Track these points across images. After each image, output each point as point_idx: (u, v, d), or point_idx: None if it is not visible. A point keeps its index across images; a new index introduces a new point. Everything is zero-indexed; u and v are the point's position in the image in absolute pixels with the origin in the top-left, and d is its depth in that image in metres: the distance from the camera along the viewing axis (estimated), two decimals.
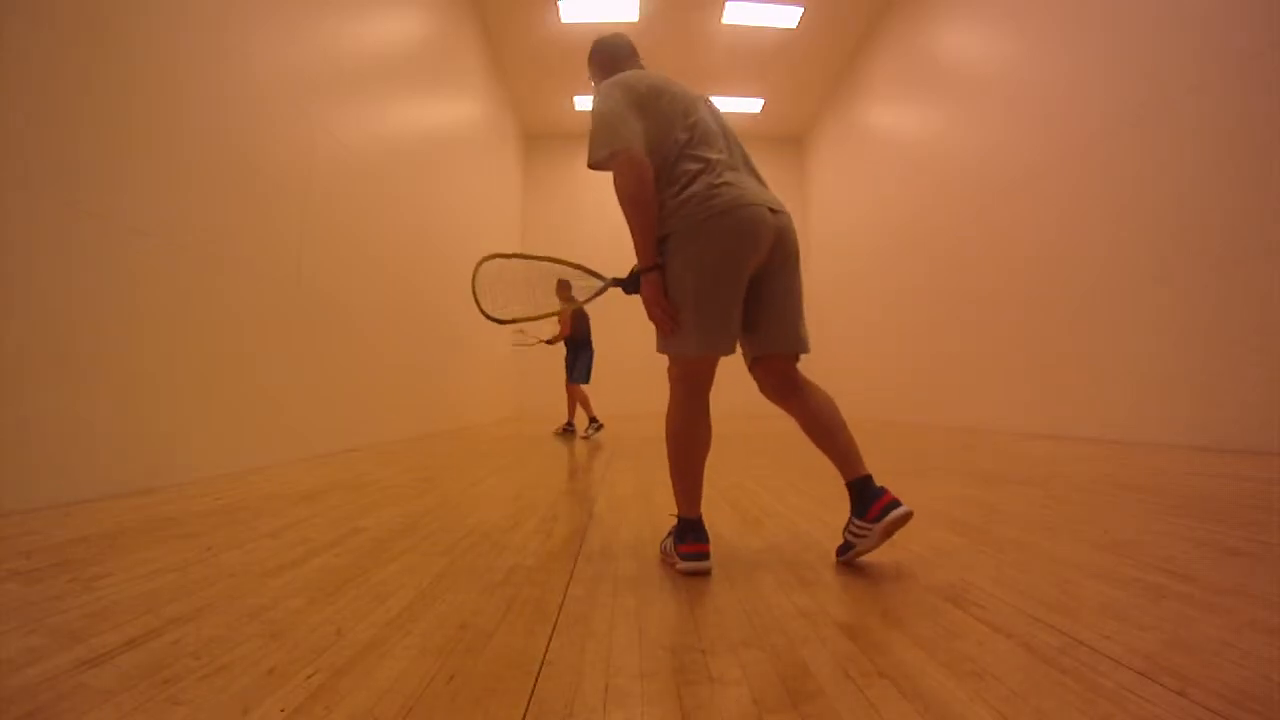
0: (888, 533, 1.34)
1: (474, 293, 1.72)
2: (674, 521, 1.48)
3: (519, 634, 1.02)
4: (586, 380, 5.97)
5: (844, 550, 1.42)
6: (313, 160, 3.81)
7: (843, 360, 9.01)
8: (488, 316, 1.70)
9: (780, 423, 7.42)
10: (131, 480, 2.34)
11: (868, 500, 1.36)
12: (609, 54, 1.69)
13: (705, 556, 1.37)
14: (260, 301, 3.26)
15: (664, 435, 1.46)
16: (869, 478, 1.39)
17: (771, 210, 1.42)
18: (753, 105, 10.58)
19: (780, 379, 1.50)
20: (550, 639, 1.00)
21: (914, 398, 7.31)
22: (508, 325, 1.75)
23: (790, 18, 8.18)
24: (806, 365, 1.51)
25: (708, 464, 1.48)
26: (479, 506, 2.20)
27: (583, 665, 0.91)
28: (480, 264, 1.77)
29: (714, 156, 1.44)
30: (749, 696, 0.80)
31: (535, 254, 1.85)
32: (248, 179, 3.15)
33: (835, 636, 1.00)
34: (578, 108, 10.56)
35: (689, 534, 1.40)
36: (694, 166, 1.42)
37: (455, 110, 7.03)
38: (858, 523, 1.37)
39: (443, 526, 1.84)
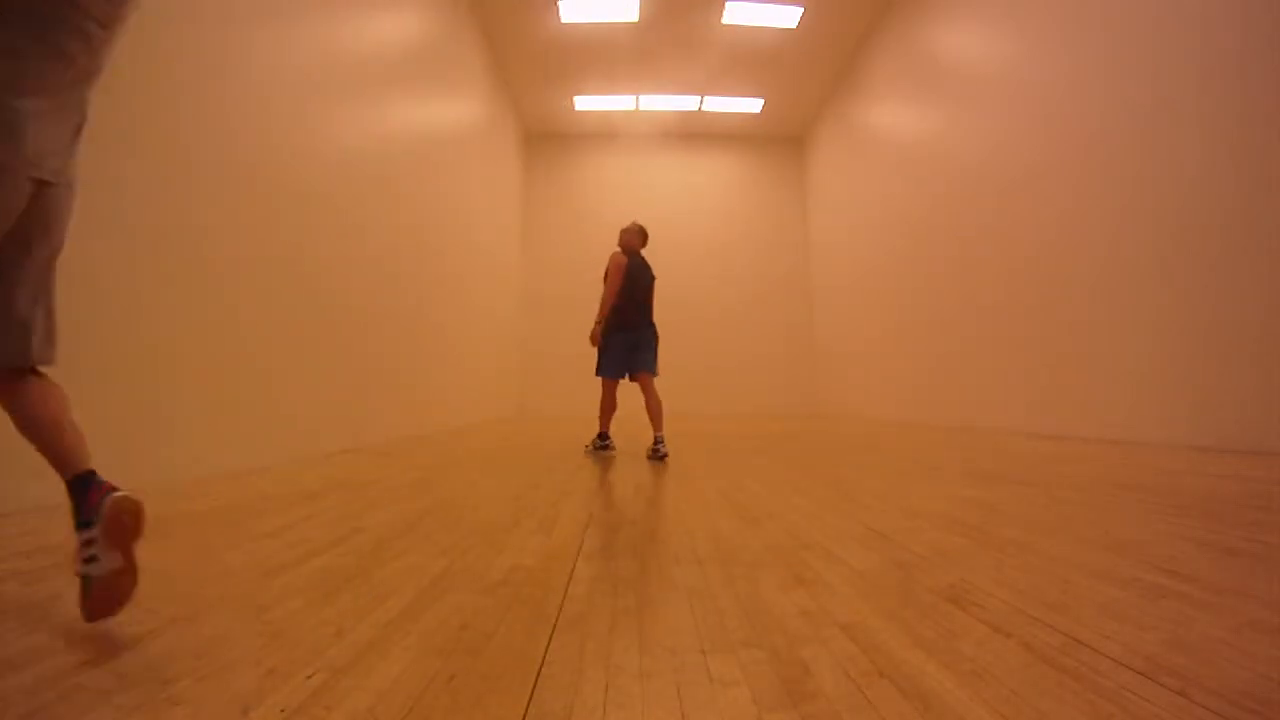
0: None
1: None
2: None
3: (519, 634, 1.02)
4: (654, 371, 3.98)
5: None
6: (313, 160, 3.81)
7: (842, 360, 9.01)
8: None
9: (780, 424, 7.42)
10: (132, 480, 2.33)
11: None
12: None
13: None
14: (260, 301, 3.26)
15: None
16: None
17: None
18: (753, 105, 10.57)
19: None
20: (550, 639, 1.00)
21: (914, 398, 7.31)
22: None
23: (790, 18, 8.18)
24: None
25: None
26: (479, 506, 2.19)
27: (583, 665, 0.91)
28: None
29: None
30: (749, 696, 0.80)
31: None
32: (248, 179, 3.15)
33: (835, 636, 1.00)
34: (578, 108, 10.56)
35: None
36: None
37: (455, 110, 7.03)
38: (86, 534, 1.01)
39: (443, 526, 1.84)
